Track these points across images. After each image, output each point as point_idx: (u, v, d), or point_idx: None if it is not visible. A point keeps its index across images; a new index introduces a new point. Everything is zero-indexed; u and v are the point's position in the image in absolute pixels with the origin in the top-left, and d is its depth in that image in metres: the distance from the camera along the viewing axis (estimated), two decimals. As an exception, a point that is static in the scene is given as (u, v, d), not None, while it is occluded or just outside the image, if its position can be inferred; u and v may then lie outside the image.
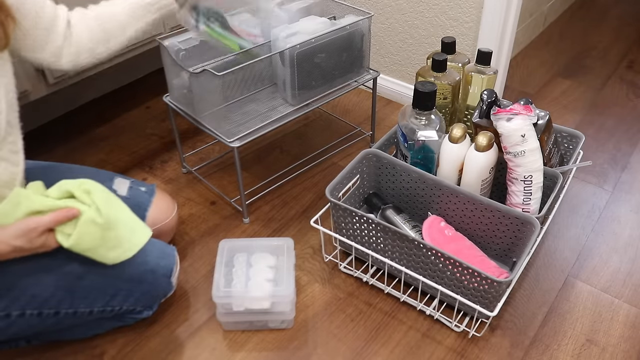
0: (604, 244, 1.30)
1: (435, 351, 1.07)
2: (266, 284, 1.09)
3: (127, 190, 1.12)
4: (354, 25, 1.30)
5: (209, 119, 1.24)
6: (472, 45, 1.56)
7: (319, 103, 1.34)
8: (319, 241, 1.28)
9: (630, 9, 2.42)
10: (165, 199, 1.18)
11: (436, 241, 1.11)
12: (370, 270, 1.19)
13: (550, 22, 2.30)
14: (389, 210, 1.21)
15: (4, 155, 0.88)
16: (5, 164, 0.89)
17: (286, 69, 1.25)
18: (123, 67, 1.56)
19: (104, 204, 0.91)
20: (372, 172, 1.26)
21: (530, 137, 1.06)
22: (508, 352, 1.07)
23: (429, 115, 1.16)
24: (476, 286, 1.01)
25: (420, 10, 1.60)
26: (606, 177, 1.49)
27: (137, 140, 1.62)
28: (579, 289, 1.19)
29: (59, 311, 0.95)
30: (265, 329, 1.10)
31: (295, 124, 1.67)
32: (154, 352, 1.07)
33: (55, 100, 1.21)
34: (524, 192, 1.10)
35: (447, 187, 1.15)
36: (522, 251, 1.05)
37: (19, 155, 0.93)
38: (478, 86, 1.25)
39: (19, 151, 0.93)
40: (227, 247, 1.15)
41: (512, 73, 1.93)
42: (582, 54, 2.08)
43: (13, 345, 1.05)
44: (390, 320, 1.12)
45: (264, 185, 1.44)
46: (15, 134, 0.91)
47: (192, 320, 1.13)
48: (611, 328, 1.11)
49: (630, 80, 1.91)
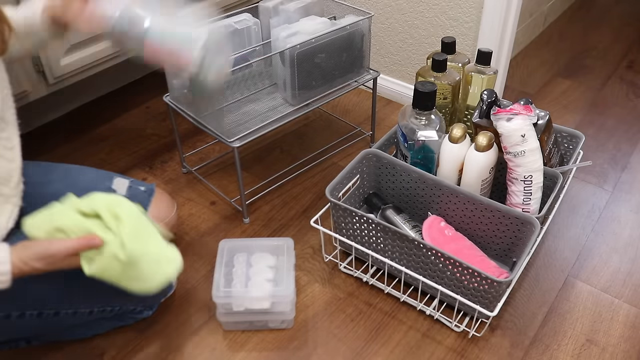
0: (604, 244, 1.30)
1: (435, 351, 1.07)
2: (266, 284, 1.09)
3: (127, 190, 1.12)
4: (354, 25, 1.30)
5: (209, 119, 1.24)
6: (472, 45, 1.56)
7: (319, 103, 1.34)
8: (319, 241, 1.28)
9: (630, 9, 2.42)
10: (164, 199, 1.18)
11: (436, 241, 1.11)
12: (370, 270, 1.19)
13: (550, 22, 2.30)
14: (389, 210, 1.21)
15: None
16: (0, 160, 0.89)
17: (286, 69, 1.25)
18: (123, 67, 1.56)
19: (130, 237, 0.87)
20: (372, 172, 1.26)
21: (530, 137, 1.06)
22: (508, 352, 1.07)
23: (429, 115, 1.16)
24: (476, 286, 1.01)
25: (420, 10, 1.60)
26: (606, 177, 1.49)
27: (137, 140, 1.62)
28: (579, 289, 1.19)
29: (58, 311, 0.95)
30: (265, 329, 1.10)
31: (295, 124, 1.67)
32: (154, 352, 1.07)
33: (55, 100, 1.21)
34: (524, 192, 1.10)
35: (447, 187, 1.15)
36: (522, 251, 1.05)
37: (13, 151, 0.92)
38: (478, 86, 1.25)
39: (14, 148, 0.92)
40: (227, 247, 1.15)
41: (512, 73, 1.93)
42: (582, 54, 2.08)
43: (13, 345, 1.05)
44: (390, 320, 1.12)
45: (264, 185, 1.44)
46: (10, 131, 0.91)
47: (192, 320, 1.13)
48: (611, 328, 1.11)
49: (630, 80, 1.91)
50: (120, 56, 1.44)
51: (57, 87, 1.35)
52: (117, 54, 1.43)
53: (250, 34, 1.32)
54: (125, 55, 1.45)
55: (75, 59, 1.33)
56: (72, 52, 1.33)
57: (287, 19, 1.33)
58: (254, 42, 1.33)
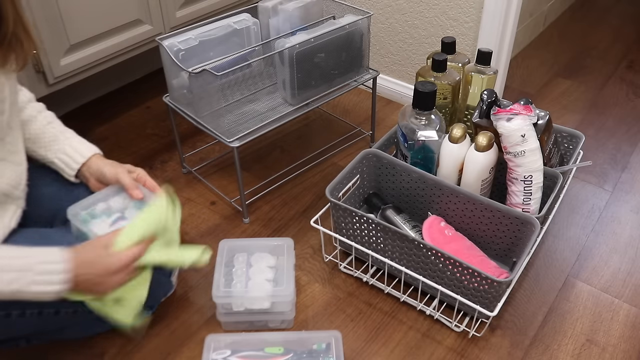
0: (604, 244, 1.30)
1: (435, 351, 1.07)
2: (266, 284, 1.09)
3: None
4: (353, 24, 1.30)
5: (208, 119, 1.24)
6: (472, 45, 1.56)
7: (318, 103, 1.34)
8: (319, 241, 1.28)
9: (630, 9, 2.42)
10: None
11: (436, 241, 1.11)
12: (370, 270, 1.19)
13: (550, 22, 2.30)
14: (389, 210, 1.21)
15: (3, 155, 0.88)
16: (7, 163, 0.89)
17: (285, 68, 1.25)
18: (123, 67, 1.56)
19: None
20: (372, 172, 1.26)
21: (530, 137, 1.06)
22: (508, 352, 1.07)
23: (429, 115, 1.16)
24: (476, 286, 1.01)
25: (420, 10, 1.60)
26: (606, 177, 1.49)
27: (137, 140, 1.62)
28: (579, 289, 1.19)
29: (59, 310, 0.95)
30: (265, 329, 1.10)
31: (295, 124, 1.67)
32: (154, 352, 1.07)
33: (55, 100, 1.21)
34: (524, 192, 1.10)
35: (447, 187, 1.15)
36: (522, 251, 1.05)
37: (19, 155, 0.93)
38: (478, 86, 1.25)
39: (19, 152, 0.93)
40: (227, 247, 1.15)
41: (512, 73, 1.93)
42: (582, 54, 2.08)
43: (13, 345, 1.05)
44: (390, 320, 1.12)
45: (264, 185, 1.44)
46: (14, 135, 0.91)
47: (192, 320, 1.12)
48: (611, 328, 1.11)
49: (630, 80, 1.91)
50: (120, 56, 1.44)
51: (57, 87, 1.35)
52: (117, 55, 1.43)
53: (249, 33, 1.32)
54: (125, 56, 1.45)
55: (75, 59, 1.33)
56: (72, 52, 1.33)
57: (287, 19, 1.34)
58: (253, 42, 1.33)
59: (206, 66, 1.15)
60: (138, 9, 1.41)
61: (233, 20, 1.30)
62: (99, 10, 1.33)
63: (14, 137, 0.91)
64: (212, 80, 1.15)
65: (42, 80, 1.30)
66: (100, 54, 1.38)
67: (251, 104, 1.35)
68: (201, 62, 1.18)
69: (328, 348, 1.02)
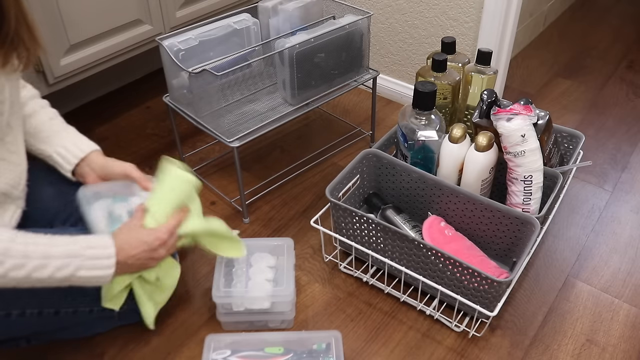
0: (604, 244, 1.30)
1: (435, 351, 1.07)
2: (266, 284, 1.09)
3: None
4: (353, 24, 1.30)
5: (208, 119, 1.24)
6: (472, 45, 1.56)
7: (318, 103, 1.34)
8: (319, 241, 1.28)
9: (630, 9, 2.42)
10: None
11: (436, 241, 1.11)
12: (370, 270, 1.19)
13: (550, 22, 2.30)
14: (389, 210, 1.21)
15: (2, 155, 0.88)
16: (6, 163, 0.89)
17: (285, 68, 1.25)
18: (123, 67, 1.56)
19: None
20: (372, 172, 1.26)
21: (530, 137, 1.06)
22: (508, 352, 1.07)
23: (429, 115, 1.16)
24: (476, 286, 1.01)
25: (420, 10, 1.60)
26: (606, 177, 1.49)
27: (137, 140, 1.62)
28: (579, 289, 1.19)
29: (59, 310, 0.95)
30: (265, 329, 1.10)
31: (295, 124, 1.67)
32: (154, 352, 1.07)
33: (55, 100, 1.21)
34: (524, 192, 1.10)
35: (447, 187, 1.15)
36: (522, 251, 1.05)
37: (19, 155, 0.93)
38: (478, 86, 1.25)
39: (19, 152, 0.93)
40: (227, 247, 1.15)
41: (512, 73, 1.93)
42: (582, 54, 2.08)
43: (13, 345, 1.05)
44: (390, 320, 1.12)
45: (264, 185, 1.44)
46: (14, 135, 0.91)
47: (192, 320, 1.12)
48: (611, 328, 1.11)
49: (630, 80, 1.91)
50: (120, 56, 1.44)
51: (57, 87, 1.35)
52: (117, 55, 1.43)
53: (249, 33, 1.32)
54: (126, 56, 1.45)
55: (75, 59, 1.33)
56: (72, 52, 1.33)
57: (287, 19, 1.34)
58: (253, 42, 1.33)
59: (206, 66, 1.15)
60: (138, 9, 1.41)
61: (233, 20, 1.30)
62: (99, 10, 1.33)
63: (14, 137, 0.91)
64: (212, 80, 1.15)
65: (42, 80, 1.30)
66: (100, 54, 1.38)
67: (251, 104, 1.35)
68: (201, 62, 1.18)
69: (328, 348, 1.02)
